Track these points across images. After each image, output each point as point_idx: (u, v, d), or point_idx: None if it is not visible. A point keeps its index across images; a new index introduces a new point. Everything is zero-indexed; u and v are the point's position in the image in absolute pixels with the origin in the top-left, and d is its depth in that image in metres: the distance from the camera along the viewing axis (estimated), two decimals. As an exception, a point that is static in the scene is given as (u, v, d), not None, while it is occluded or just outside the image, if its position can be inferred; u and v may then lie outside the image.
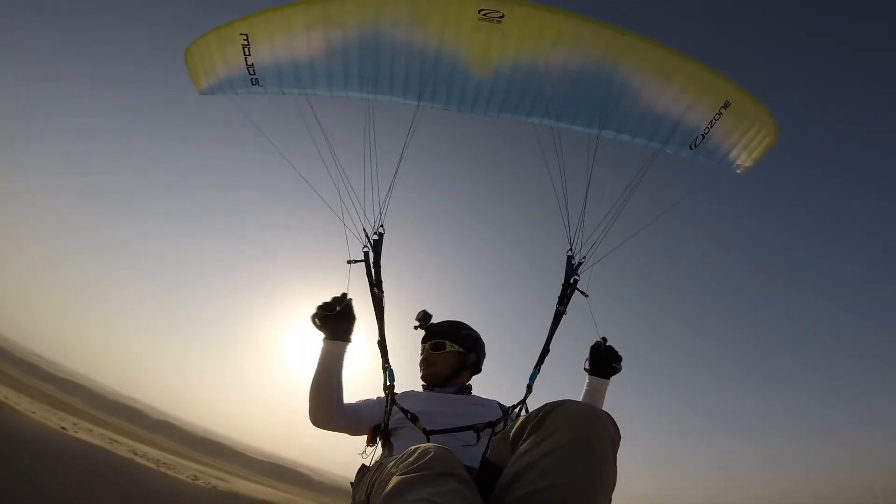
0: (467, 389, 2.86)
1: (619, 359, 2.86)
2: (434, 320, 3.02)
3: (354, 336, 2.67)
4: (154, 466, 18.72)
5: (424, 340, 2.96)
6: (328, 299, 2.66)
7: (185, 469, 23.49)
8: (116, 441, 22.88)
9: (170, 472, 18.95)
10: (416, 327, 2.99)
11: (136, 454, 20.51)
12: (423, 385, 2.89)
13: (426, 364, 2.88)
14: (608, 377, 2.87)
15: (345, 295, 2.69)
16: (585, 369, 2.92)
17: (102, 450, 16.65)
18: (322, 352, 2.60)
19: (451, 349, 2.86)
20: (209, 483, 21.17)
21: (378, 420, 2.64)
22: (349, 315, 2.66)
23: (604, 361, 2.85)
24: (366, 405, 2.70)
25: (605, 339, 2.88)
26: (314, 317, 2.64)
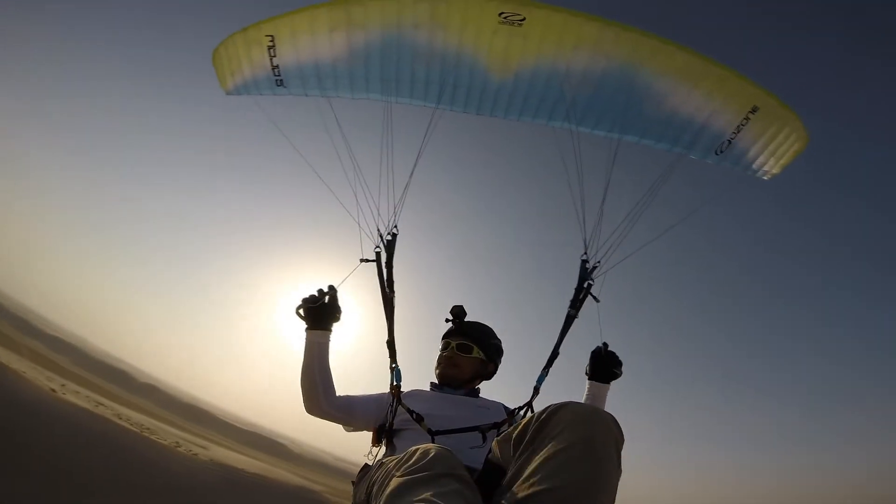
0: (475, 392, 2.85)
1: (620, 364, 2.82)
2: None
3: (337, 326, 2.74)
4: (138, 431, 18.78)
5: (450, 337, 2.91)
6: (314, 292, 2.73)
7: (168, 435, 23.32)
8: (102, 404, 22.83)
9: (153, 438, 18.93)
10: (447, 320, 2.94)
11: (121, 418, 20.47)
12: (432, 384, 2.86)
13: (450, 363, 2.83)
14: (608, 382, 2.83)
15: (331, 287, 2.75)
16: (586, 374, 2.89)
17: (89, 413, 16.71)
18: (305, 342, 2.68)
19: (478, 356, 2.84)
20: (190, 451, 21.09)
21: (374, 415, 2.68)
22: (333, 306, 2.73)
23: (604, 366, 2.82)
24: (363, 400, 2.73)
25: (605, 345, 2.84)
26: (298, 308, 2.71)
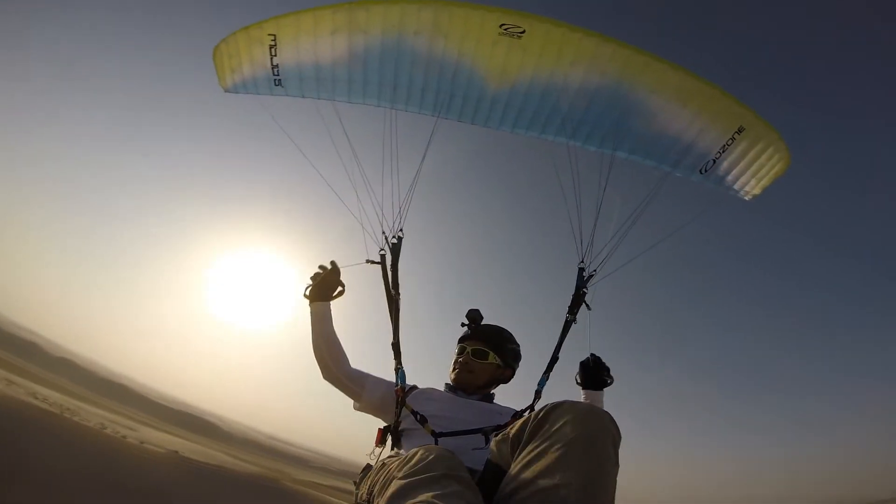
0: (490, 397, 2.81)
1: (608, 370, 2.88)
2: (459, 322, 2.98)
3: (340, 299, 2.90)
4: (58, 412, 18.03)
5: (465, 341, 2.87)
6: (318, 269, 2.91)
7: (91, 416, 22.46)
8: (14, 382, 21.71)
9: (76, 419, 18.17)
10: (463, 325, 2.92)
11: (37, 397, 19.64)
12: (447, 384, 2.82)
13: (465, 369, 2.77)
14: (601, 389, 2.88)
15: (332, 262, 2.91)
16: (577, 383, 2.95)
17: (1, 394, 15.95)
18: (310, 315, 2.85)
19: (493, 361, 2.79)
20: (118, 432, 20.33)
21: (380, 398, 2.71)
22: (333, 280, 2.90)
23: (594, 375, 2.87)
24: (376, 379, 2.77)
25: (593, 355, 2.90)
26: (306, 289, 2.89)
